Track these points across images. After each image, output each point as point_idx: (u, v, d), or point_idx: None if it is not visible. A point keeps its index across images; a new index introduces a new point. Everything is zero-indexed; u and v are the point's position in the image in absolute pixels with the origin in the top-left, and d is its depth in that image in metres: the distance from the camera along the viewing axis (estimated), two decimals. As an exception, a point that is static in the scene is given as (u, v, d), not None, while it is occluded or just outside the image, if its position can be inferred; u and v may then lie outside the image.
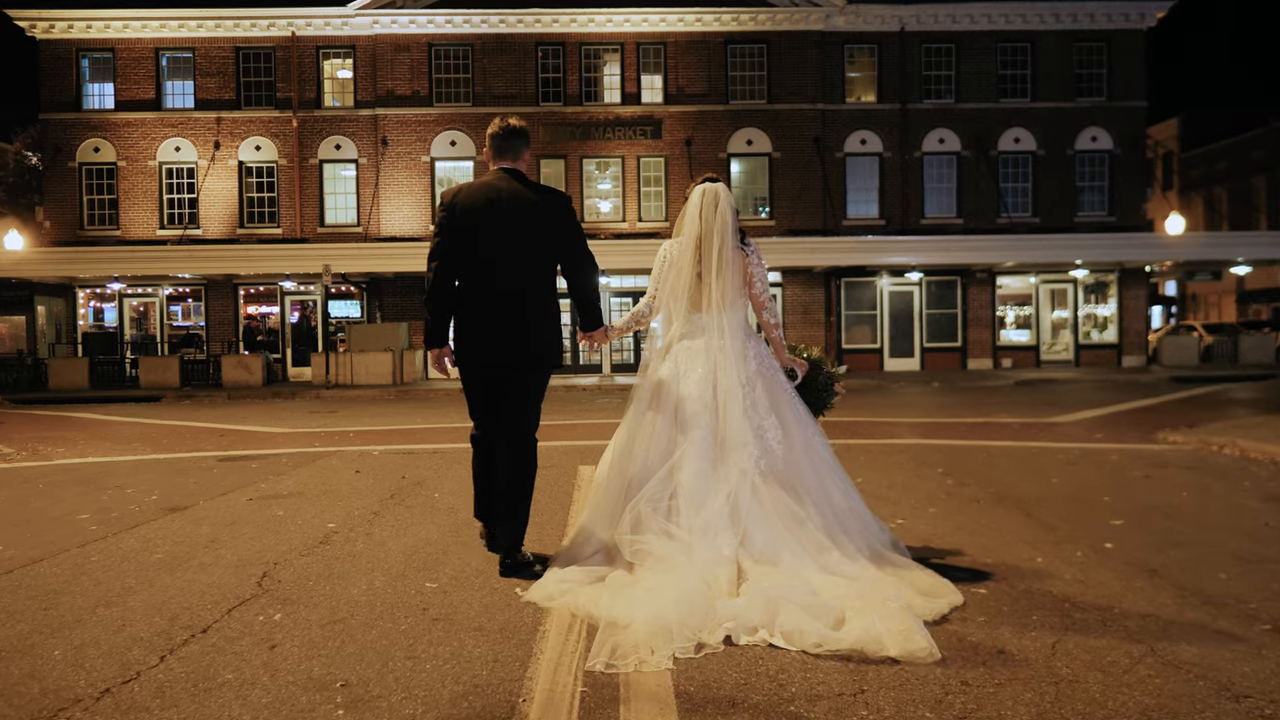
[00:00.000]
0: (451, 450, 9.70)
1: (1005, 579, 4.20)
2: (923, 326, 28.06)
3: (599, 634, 3.34)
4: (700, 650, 3.27)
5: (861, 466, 8.05)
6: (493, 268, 4.40)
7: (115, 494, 7.19)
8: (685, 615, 3.37)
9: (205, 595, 4.08)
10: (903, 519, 5.69)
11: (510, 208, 4.40)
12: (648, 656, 3.14)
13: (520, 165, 4.60)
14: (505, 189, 4.45)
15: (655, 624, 3.31)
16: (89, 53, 27.76)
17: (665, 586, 3.57)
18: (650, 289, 4.61)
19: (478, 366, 4.50)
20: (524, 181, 4.53)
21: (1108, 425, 12.20)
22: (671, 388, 4.31)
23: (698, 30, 27.78)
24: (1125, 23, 27.98)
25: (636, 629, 3.30)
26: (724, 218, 4.33)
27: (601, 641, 3.24)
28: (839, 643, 3.23)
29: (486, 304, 4.42)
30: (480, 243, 4.39)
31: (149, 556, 4.89)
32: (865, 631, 3.25)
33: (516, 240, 4.40)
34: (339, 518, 5.93)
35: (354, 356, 23.53)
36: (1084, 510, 5.94)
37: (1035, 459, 8.67)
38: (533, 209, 4.43)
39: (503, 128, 4.56)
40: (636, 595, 3.58)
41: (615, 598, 3.62)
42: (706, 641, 3.30)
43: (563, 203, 4.57)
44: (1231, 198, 43.86)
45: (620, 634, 3.28)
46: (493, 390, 4.50)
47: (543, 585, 3.95)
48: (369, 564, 4.64)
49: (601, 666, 3.11)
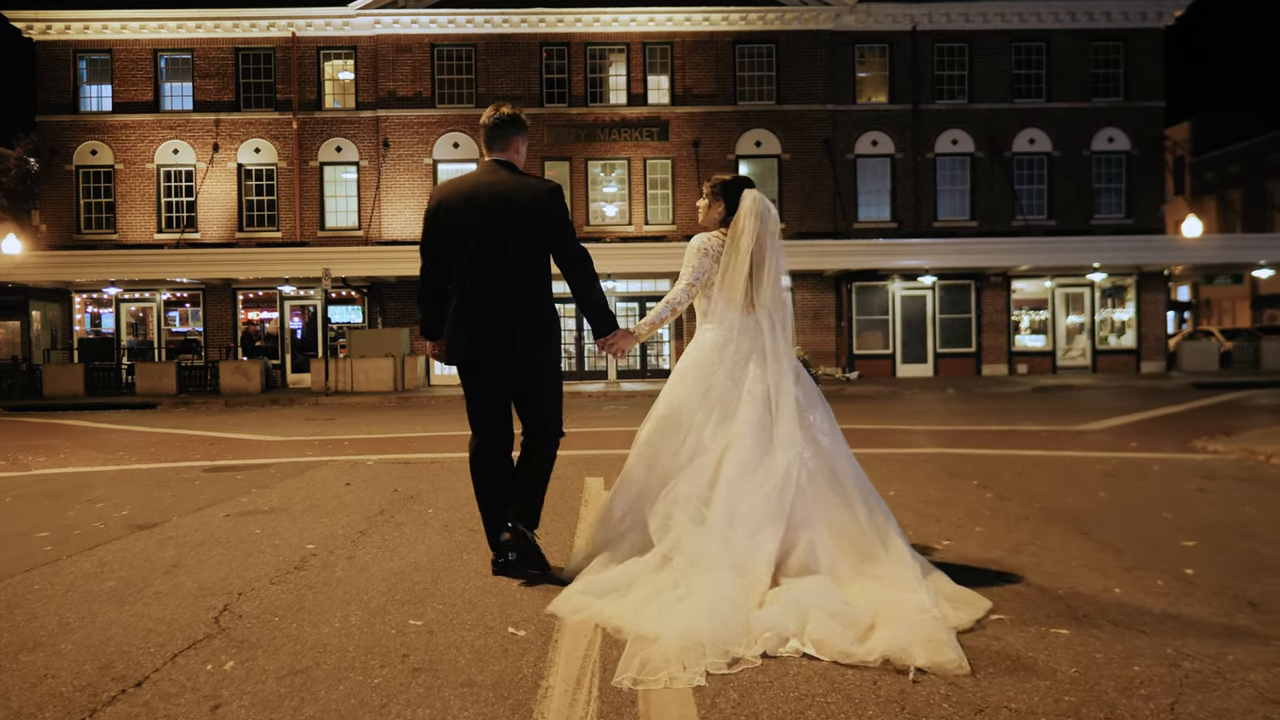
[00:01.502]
0: (450, 460, 9.13)
1: (1087, 616, 3.61)
2: (936, 331, 27.42)
3: (627, 647, 3.15)
4: (735, 665, 3.07)
5: (890, 478, 7.46)
6: (473, 265, 4.23)
7: (84, 509, 6.63)
8: (719, 628, 3.21)
9: (151, 635, 3.50)
10: (948, 539, 5.10)
11: (489, 202, 4.21)
12: (679, 673, 2.96)
13: (511, 155, 4.39)
14: (486, 182, 4.27)
15: (687, 638, 3.14)
16: (86, 54, 27.31)
17: (699, 593, 3.42)
18: (688, 277, 4.31)
19: (466, 368, 4.33)
20: (512, 173, 4.32)
21: (1139, 433, 11.60)
22: (720, 382, 4.19)
23: (705, 30, 27.24)
24: (1142, 21, 27.39)
25: (667, 643, 3.12)
26: (776, 221, 4.37)
27: (630, 655, 3.07)
28: (869, 653, 3.10)
29: (467, 303, 4.26)
30: (460, 239, 4.24)
31: (99, 585, 4.32)
32: (894, 641, 3.14)
33: (495, 236, 4.20)
34: (320, 537, 5.35)
35: (354, 362, 22.99)
36: (1146, 529, 5.35)
37: (1072, 470, 8.07)
38: (512, 202, 4.21)
39: (493, 116, 4.38)
40: (667, 604, 3.42)
41: (644, 609, 3.44)
42: (743, 655, 3.13)
43: (546, 194, 4.24)
44: (1246, 201, 43.23)
45: (650, 648, 3.10)
46: (487, 388, 4.34)
47: (568, 599, 3.71)
48: (346, 595, 4.06)
49: (629, 683, 2.92)
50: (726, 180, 4.45)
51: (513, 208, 4.20)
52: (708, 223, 4.44)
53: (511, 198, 4.21)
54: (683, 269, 4.36)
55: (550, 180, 4.42)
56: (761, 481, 3.86)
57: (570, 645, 3.32)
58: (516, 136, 4.39)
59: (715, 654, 3.09)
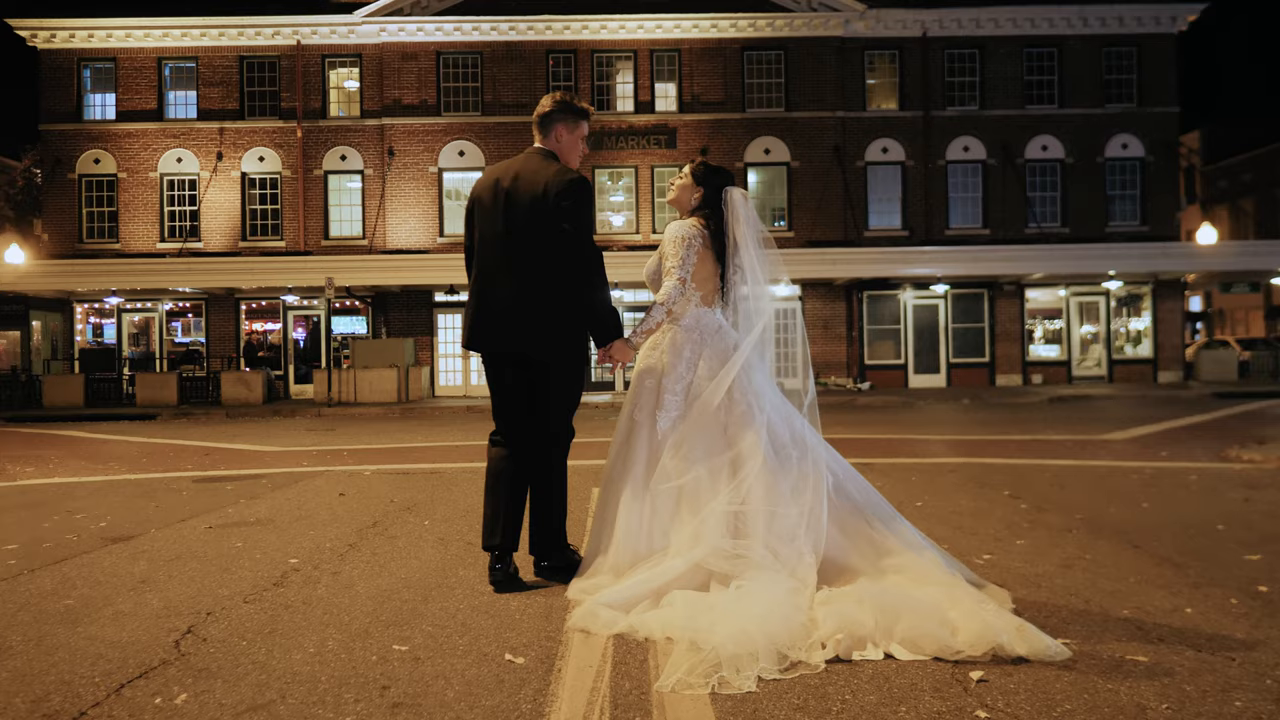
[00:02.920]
0: (450, 471, 8.72)
1: (1162, 640, 3.17)
2: (949, 341, 26.93)
3: (674, 654, 2.95)
4: (792, 670, 2.89)
5: (916, 488, 7.04)
6: (485, 252, 4.14)
7: (61, 520, 6.24)
8: (777, 629, 3.02)
9: (100, 661, 3.09)
10: (988, 553, 4.67)
11: (508, 190, 4.06)
12: (732, 676, 2.79)
13: (551, 143, 4.21)
14: (515, 169, 4.13)
15: (741, 639, 2.93)
16: (90, 62, 27.07)
17: (755, 594, 3.24)
18: (677, 271, 4.04)
19: (484, 357, 4.25)
20: (545, 160, 4.12)
21: (1167, 442, 11.16)
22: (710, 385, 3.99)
23: (713, 37, 26.90)
24: (1156, 26, 26.96)
25: (720, 645, 2.91)
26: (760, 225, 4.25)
27: (677, 661, 2.88)
28: (973, 646, 2.96)
29: (476, 289, 4.18)
30: (480, 226, 4.17)
31: (56, 603, 3.92)
32: (983, 632, 2.99)
33: (507, 225, 4.05)
34: (305, 551, 4.94)
35: (357, 373, 22.62)
36: (1202, 542, 4.91)
37: (1107, 480, 7.63)
38: (526, 191, 4.03)
39: (546, 104, 4.24)
40: (719, 603, 3.25)
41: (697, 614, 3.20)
42: (803, 659, 2.94)
43: (561, 185, 3.98)
44: (1259, 209, 42.75)
45: (698, 653, 2.91)
46: (499, 383, 4.20)
47: (594, 614, 3.39)
48: (326, 615, 3.64)
49: (671, 687, 2.74)
50: (711, 166, 4.29)
51: (526, 197, 4.02)
52: (680, 203, 4.27)
53: (527, 187, 4.03)
54: (666, 261, 4.10)
55: (573, 171, 4.12)
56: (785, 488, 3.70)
57: (576, 675, 2.90)
58: (559, 123, 4.19)
59: (769, 658, 2.90)
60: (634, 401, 4.09)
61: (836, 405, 19.33)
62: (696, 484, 3.75)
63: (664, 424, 3.95)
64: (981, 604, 3.24)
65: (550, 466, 4.16)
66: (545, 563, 4.19)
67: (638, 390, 4.11)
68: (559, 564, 4.15)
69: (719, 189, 4.20)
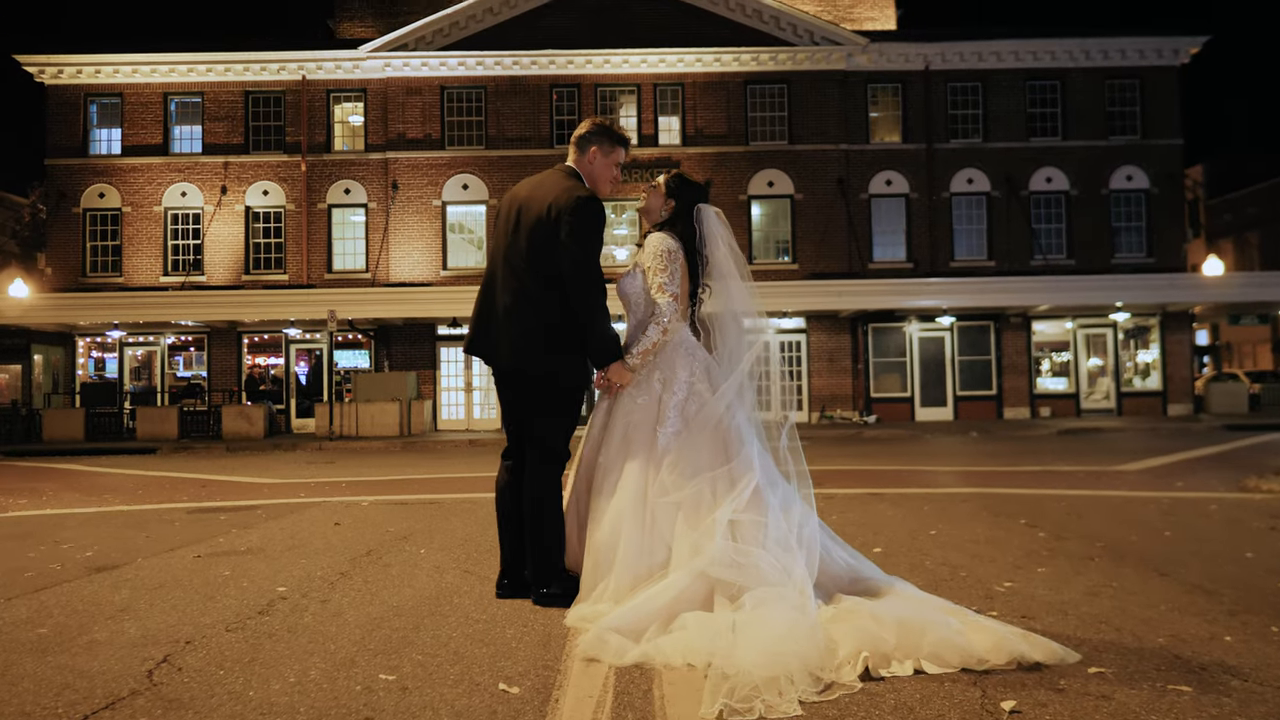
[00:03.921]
0: (450, 501, 8.51)
1: (1204, 670, 2.96)
2: (955, 374, 26.70)
3: (710, 681, 2.77)
4: (829, 690, 2.76)
5: (929, 518, 6.82)
6: (492, 262, 4.17)
7: (48, 550, 6.04)
8: (805, 648, 2.90)
9: (65, 693, 2.88)
10: (1009, 580, 4.45)
11: (523, 203, 4.07)
12: (775, 700, 2.65)
13: (581, 164, 4.19)
14: (534, 183, 4.14)
15: (774, 662, 2.81)
16: (97, 97, 27.21)
17: (771, 610, 3.14)
18: (670, 287, 3.99)
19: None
20: (566, 178, 4.09)
21: (1182, 473, 10.92)
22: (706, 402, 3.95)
23: (716, 71, 27.00)
24: (1158, 59, 27.03)
25: (751, 669, 2.77)
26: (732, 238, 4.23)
27: (714, 689, 2.71)
28: (994, 654, 2.92)
29: (480, 296, 4.19)
30: (494, 236, 4.23)
31: (28, 632, 3.71)
32: (999, 641, 2.97)
33: (514, 238, 4.05)
34: (294, 579, 4.74)
35: (359, 406, 22.45)
36: (1232, 570, 4.70)
37: (1124, 509, 7.41)
38: (535, 207, 4.01)
39: (585, 125, 4.24)
40: (736, 622, 3.10)
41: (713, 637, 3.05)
42: (838, 680, 2.82)
43: (567, 202, 3.90)
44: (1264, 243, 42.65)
45: (732, 680, 2.74)
46: (501, 395, 4.23)
47: (603, 640, 3.16)
48: (311, 643, 3.44)
49: (715, 715, 2.59)
50: (686, 179, 4.24)
51: (535, 210, 4.00)
52: (651, 211, 4.22)
53: (539, 201, 4.01)
54: (655, 276, 4.00)
55: (585, 189, 4.03)
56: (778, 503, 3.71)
57: (574, 707, 2.69)
58: (594, 145, 4.18)
59: (804, 679, 2.78)
60: (624, 419, 3.96)
61: (843, 439, 19.09)
62: (696, 497, 3.67)
63: (664, 440, 3.84)
64: (977, 616, 3.27)
65: (543, 485, 4.01)
66: (545, 589, 4.00)
67: (627, 408, 3.97)
68: (557, 591, 3.96)
69: (691, 204, 4.16)
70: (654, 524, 3.69)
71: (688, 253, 4.09)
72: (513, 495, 4.13)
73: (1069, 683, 2.83)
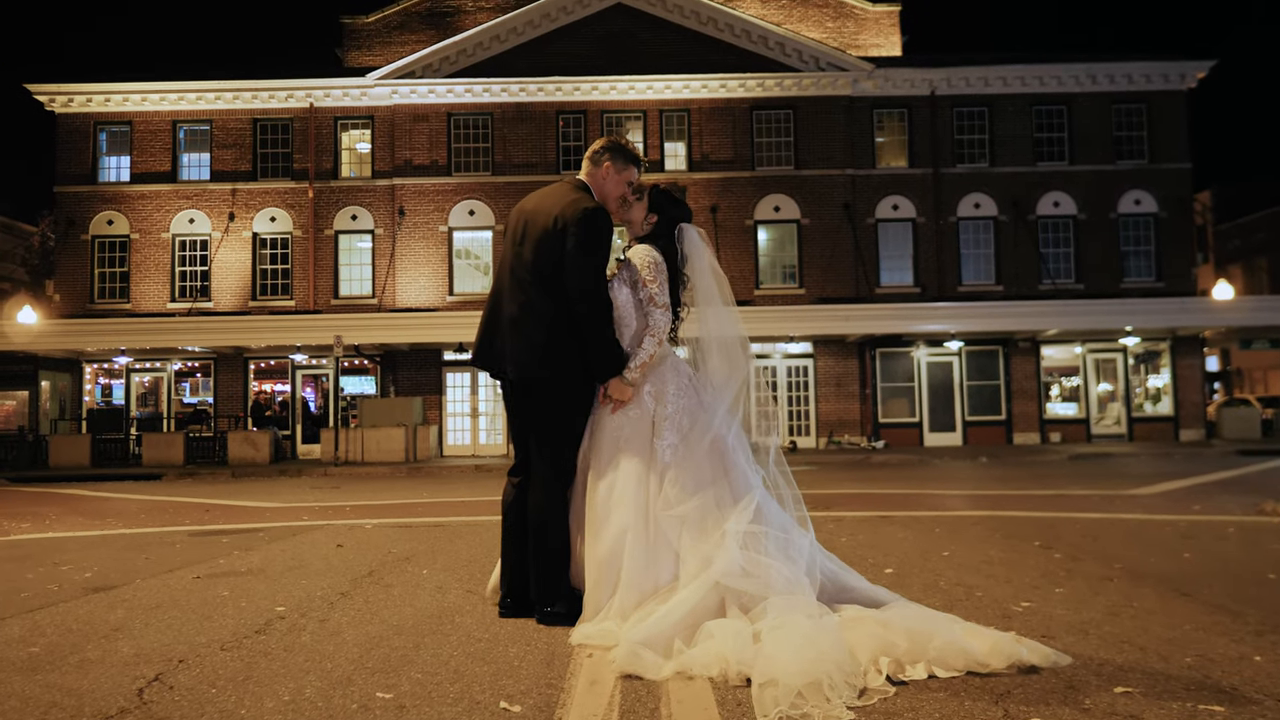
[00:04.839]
0: (454, 524, 8.41)
1: (1236, 690, 2.84)
2: (964, 399, 26.54)
3: (755, 691, 2.74)
4: (864, 695, 2.78)
5: (941, 540, 6.69)
6: (499, 273, 4.18)
7: (46, 571, 5.95)
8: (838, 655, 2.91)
9: (53, 710, 2.79)
10: (1026, 600, 4.33)
11: (530, 214, 4.06)
12: (822, 704, 2.65)
13: (592, 178, 4.14)
14: (542, 194, 4.15)
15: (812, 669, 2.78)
16: (106, 126, 27.41)
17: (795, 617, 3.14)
18: (663, 298, 3.95)
19: None
20: (572, 190, 4.07)
21: (1198, 497, 10.75)
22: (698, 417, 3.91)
23: (722, 96, 27.10)
24: (1165, 84, 27.05)
25: (795, 677, 2.74)
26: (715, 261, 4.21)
27: (762, 700, 2.69)
28: (994, 659, 3.00)
29: (487, 305, 4.20)
30: (503, 247, 4.24)
31: (19, 651, 3.62)
32: (996, 645, 3.04)
33: (519, 248, 4.04)
34: (294, 599, 4.63)
35: (365, 432, 22.37)
36: (1256, 590, 4.57)
37: (1141, 532, 7.27)
38: (546, 216, 3.97)
39: (601, 142, 4.26)
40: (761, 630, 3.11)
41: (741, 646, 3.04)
42: (869, 685, 2.85)
43: (571, 215, 3.86)
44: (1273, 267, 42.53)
45: (777, 688, 2.72)
46: (507, 407, 4.26)
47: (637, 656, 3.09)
48: (307, 662, 3.34)
49: None
50: (670, 195, 4.22)
51: (541, 221, 3.98)
52: (633, 222, 4.17)
53: (545, 212, 3.99)
54: (649, 287, 3.94)
55: (592, 201, 3.99)
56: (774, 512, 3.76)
57: (578, 725, 2.59)
58: (607, 160, 4.14)
59: (842, 685, 2.79)
60: (614, 433, 3.88)
61: (851, 464, 18.93)
62: (702, 510, 3.63)
63: (663, 454, 3.77)
64: (968, 623, 3.35)
65: (548, 502, 3.93)
66: (549, 608, 3.89)
67: (618, 421, 3.89)
68: (562, 609, 3.86)
69: (673, 221, 4.13)
70: (657, 539, 3.62)
71: (670, 268, 4.05)
72: (518, 512, 4.06)
73: (1094, 702, 2.72)
